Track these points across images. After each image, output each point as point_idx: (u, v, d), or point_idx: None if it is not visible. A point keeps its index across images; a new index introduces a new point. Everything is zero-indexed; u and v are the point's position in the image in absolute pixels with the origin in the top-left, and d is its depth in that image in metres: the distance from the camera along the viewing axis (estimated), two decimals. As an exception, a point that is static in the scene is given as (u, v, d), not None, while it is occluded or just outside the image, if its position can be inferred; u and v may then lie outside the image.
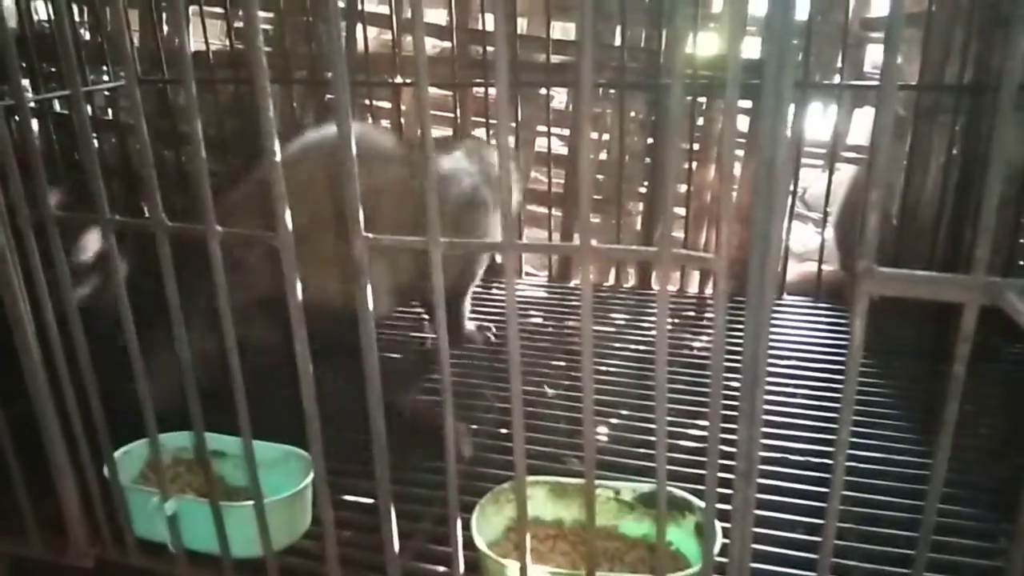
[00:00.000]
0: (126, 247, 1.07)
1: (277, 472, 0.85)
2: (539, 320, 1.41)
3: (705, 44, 1.43)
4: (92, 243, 1.22)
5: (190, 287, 0.72)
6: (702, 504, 0.74)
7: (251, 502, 0.71)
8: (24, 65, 1.47)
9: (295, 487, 0.81)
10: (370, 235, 0.58)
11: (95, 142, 1.77)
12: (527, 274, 1.61)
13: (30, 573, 0.88)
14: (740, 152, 1.47)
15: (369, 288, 0.60)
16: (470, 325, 1.32)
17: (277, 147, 0.57)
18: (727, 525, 0.60)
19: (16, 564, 0.87)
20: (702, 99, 1.45)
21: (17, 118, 1.12)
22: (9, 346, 0.72)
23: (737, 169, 1.48)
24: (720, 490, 0.58)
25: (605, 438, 1.03)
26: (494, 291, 1.53)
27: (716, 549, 0.68)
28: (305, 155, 1.04)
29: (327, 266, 0.90)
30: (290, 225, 0.59)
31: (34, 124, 1.58)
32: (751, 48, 1.43)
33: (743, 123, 1.47)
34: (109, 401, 0.73)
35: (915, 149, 1.27)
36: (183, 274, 0.65)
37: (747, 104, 1.44)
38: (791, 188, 1.41)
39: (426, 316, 1.36)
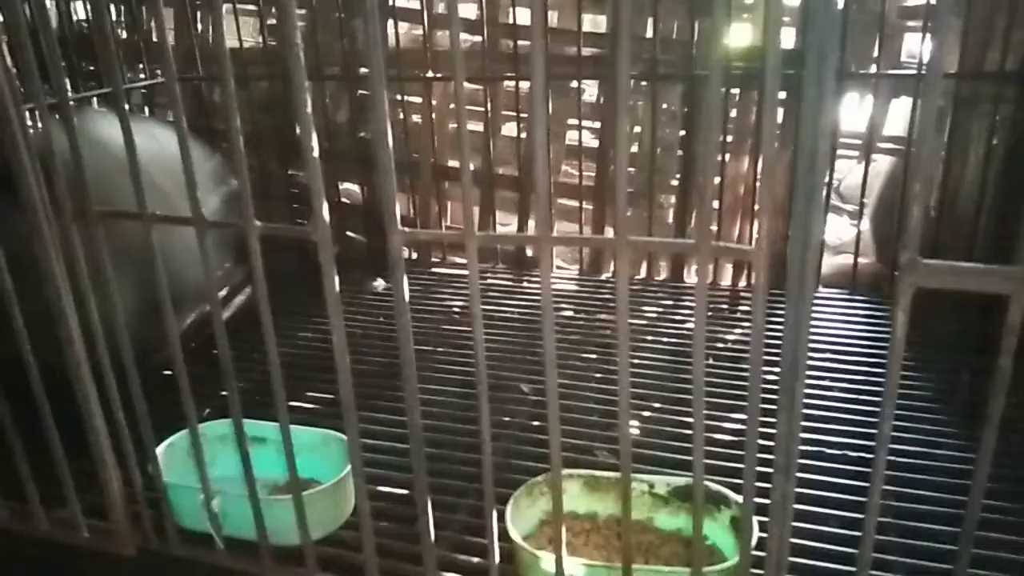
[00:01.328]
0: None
1: (317, 456, 0.86)
2: (570, 313, 1.41)
3: (738, 35, 1.42)
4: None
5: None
6: (738, 498, 0.74)
7: (290, 496, 0.72)
8: (64, 64, 1.50)
9: (335, 472, 0.81)
10: (406, 229, 0.59)
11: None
12: (557, 267, 1.61)
13: (75, 558, 0.90)
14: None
15: (406, 281, 0.60)
16: None
17: (315, 143, 0.58)
18: (764, 519, 0.60)
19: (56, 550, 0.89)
20: (735, 91, 1.44)
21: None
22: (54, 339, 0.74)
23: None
24: (757, 484, 0.58)
25: (638, 431, 1.03)
26: (525, 284, 1.53)
27: (752, 543, 0.67)
28: None
29: None
30: (327, 219, 0.60)
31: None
32: (785, 38, 1.41)
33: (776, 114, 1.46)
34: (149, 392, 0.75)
35: (954, 139, 1.25)
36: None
37: (780, 95, 1.42)
38: (827, 180, 1.39)
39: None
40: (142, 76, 1.68)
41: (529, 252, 1.65)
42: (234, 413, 0.71)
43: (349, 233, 1.74)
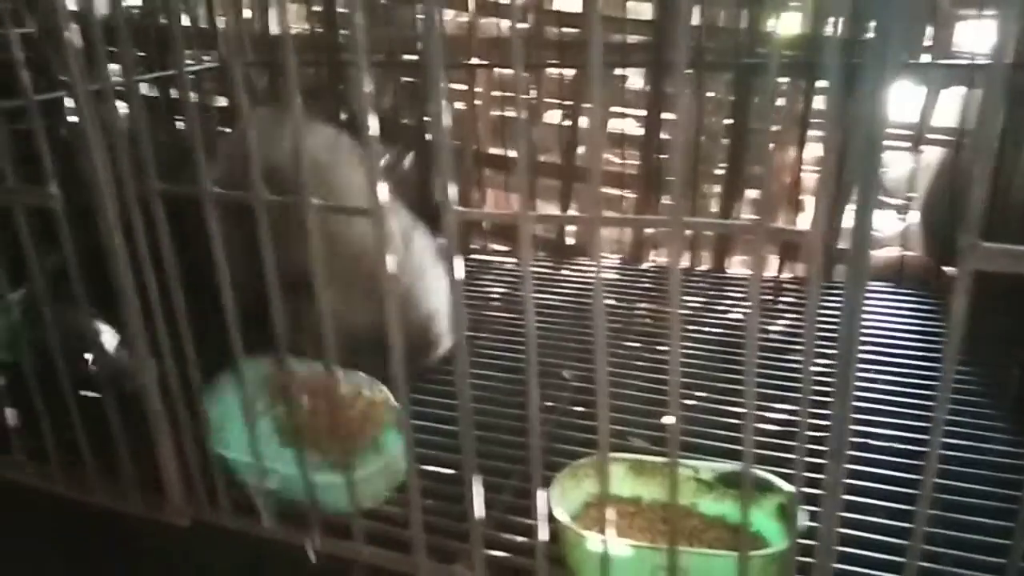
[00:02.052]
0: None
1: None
2: (611, 301, 1.41)
3: (785, 23, 1.40)
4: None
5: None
6: (784, 485, 0.74)
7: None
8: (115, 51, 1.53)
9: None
10: (462, 208, 0.60)
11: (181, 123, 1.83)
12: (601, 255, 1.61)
13: (130, 528, 0.93)
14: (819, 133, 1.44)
15: (460, 260, 0.61)
16: None
17: (374, 123, 0.59)
18: (813, 509, 0.60)
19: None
20: (783, 79, 1.42)
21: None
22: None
23: (816, 151, 1.45)
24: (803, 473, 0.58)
25: (681, 419, 1.03)
26: (564, 272, 1.53)
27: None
28: None
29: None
30: (384, 199, 0.61)
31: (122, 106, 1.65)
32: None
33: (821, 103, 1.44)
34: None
35: (1009, 127, 1.22)
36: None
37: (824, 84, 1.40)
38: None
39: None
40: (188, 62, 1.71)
41: (570, 240, 1.66)
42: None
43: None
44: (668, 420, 0.88)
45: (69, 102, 1.17)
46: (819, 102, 1.40)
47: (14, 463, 0.91)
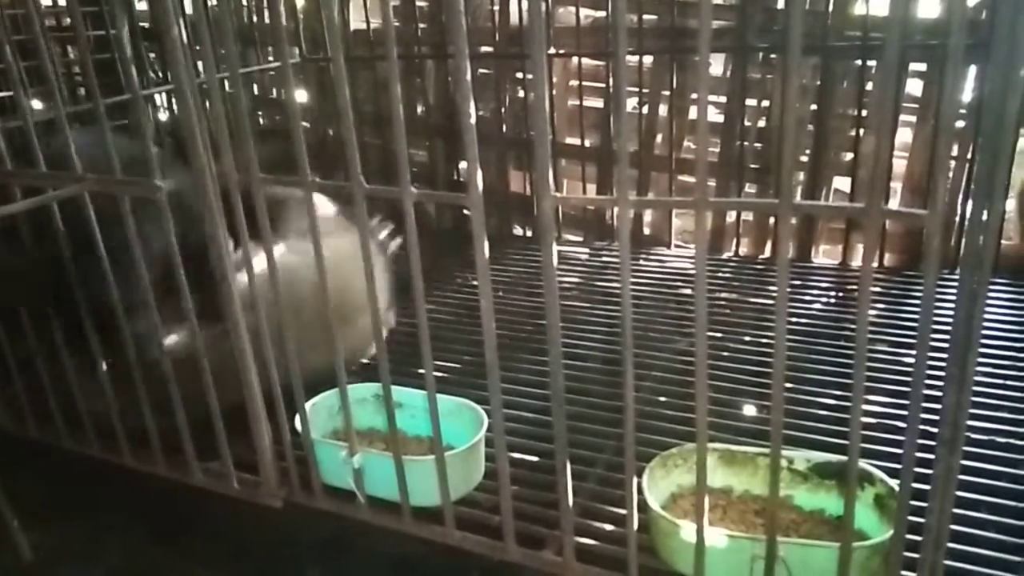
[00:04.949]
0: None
1: (451, 422, 0.89)
2: (689, 292, 1.39)
3: (876, 4, 1.35)
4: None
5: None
6: (883, 476, 0.72)
7: (431, 456, 0.75)
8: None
9: (469, 439, 0.84)
10: (559, 194, 0.60)
11: (260, 119, 1.88)
12: (676, 246, 1.59)
13: (225, 508, 0.96)
14: (912, 118, 1.39)
15: (555, 249, 0.61)
16: None
17: (473, 111, 0.59)
18: (921, 504, 0.58)
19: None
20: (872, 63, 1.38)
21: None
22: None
23: (908, 136, 1.40)
24: (893, 464, 0.56)
25: (766, 411, 1.01)
26: (641, 262, 1.52)
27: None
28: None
29: None
30: (480, 186, 0.62)
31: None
32: (930, 8, 1.34)
33: (915, 87, 1.39)
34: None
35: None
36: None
37: (920, 67, 1.35)
38: (968, 156, 1.32)
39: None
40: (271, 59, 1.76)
41: (647, 231, 1.64)
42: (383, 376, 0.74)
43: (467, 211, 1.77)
44: (749, 410, 0.87)
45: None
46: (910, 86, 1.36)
47: (116, 447, 0.95)
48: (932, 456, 0.54)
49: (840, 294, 1.33)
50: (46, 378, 0.97)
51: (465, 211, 1.59)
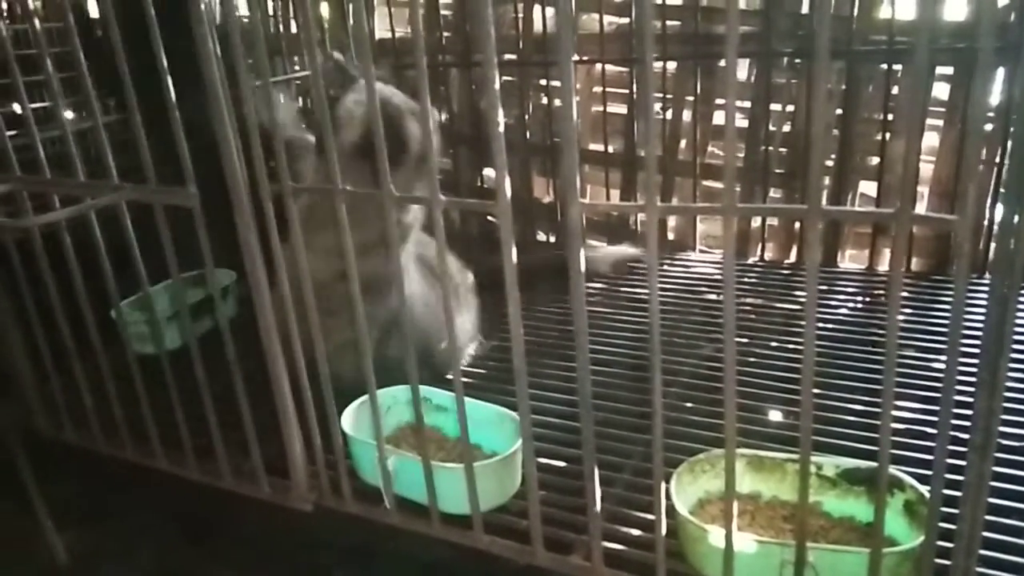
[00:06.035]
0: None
1: (491, 430, 0.90)
2: (713, 297, 1.39)
3: (901, 7, 1.34)
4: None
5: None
6: (913, 482, 0.72)
7: (461, 465, 0.76)
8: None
9: (508, 447, 0.84)
10: (586, 200, 0.60)
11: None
12: (700, 251, 1.59)
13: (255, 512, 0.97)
14: (939, 122, 1.38)
15: (583, 251, 0.62)
16: None
17: (501, 118, 0.60)
18: (952, 511, 0.58)
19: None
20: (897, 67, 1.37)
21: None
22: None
23: (934, 140, 1.39)
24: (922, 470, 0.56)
25: (791, 416, 1.01)
26: (666, 267, 1.52)
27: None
28: None
29: None
30: (508, 193, 0.62)
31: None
32: (955, 10, 1.33)
33: (942, 91, 1.38)
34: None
35: None
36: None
37: (947, 71, 1.34)
38: (996, 160, 1.31)
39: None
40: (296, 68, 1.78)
41: (671, 236, 1.64)
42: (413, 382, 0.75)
43: (491, 217, 1.79)
44: (776, 416, 0.87)
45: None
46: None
47: (150, 451, 0.97)
48: (962, 462, 0.54)
49: (867, 299, 1.32)
50: (82, 381, 0.99)
51: (489, 218, 1.61)
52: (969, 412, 0.53)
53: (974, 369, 0.99)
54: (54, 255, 0.93)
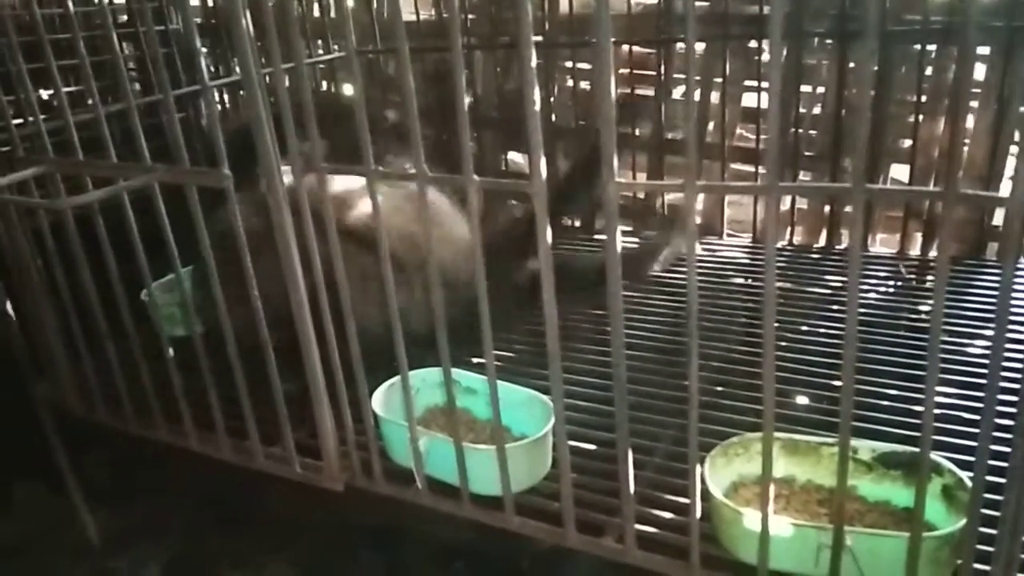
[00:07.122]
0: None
1: (520, 412, 0.89)
2: (740, 280, 1.38)
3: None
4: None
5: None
6: (952, 467, 0.71)
7: (493, 446, 0.76)
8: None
9: (538, 430, 0.83)
10: (622, 180, 0.60)
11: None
12: (728, 235, 1.58)
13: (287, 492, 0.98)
14: (974, 103, 1.35)
15: (619, 235, 0.61)
16: None
17: (537, 98, 0.59)
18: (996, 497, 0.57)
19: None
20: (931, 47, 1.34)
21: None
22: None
23: (969, 122, 1.36)
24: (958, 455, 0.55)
25: (820, 401, 1.00)
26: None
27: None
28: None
29: None
30: (544, 174, 0.62)
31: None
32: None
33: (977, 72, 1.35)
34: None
35: None
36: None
37: (984, 51, 1.32)
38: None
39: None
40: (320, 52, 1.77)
41: (698, 220, 1.63)
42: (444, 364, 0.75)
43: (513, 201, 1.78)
44: (807, 400, 0.86)
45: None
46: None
47: (182, 431, 0.98)
48: (1003, 448, 0.53)
49: (899, 283, 1.31)
50: (115, 362, 1.00)
51: (512, 203, 1.60)
52: (1008, 397, 0.52)
53: (1012, 354, 0.98)
54: (87, 238, 0.93)
